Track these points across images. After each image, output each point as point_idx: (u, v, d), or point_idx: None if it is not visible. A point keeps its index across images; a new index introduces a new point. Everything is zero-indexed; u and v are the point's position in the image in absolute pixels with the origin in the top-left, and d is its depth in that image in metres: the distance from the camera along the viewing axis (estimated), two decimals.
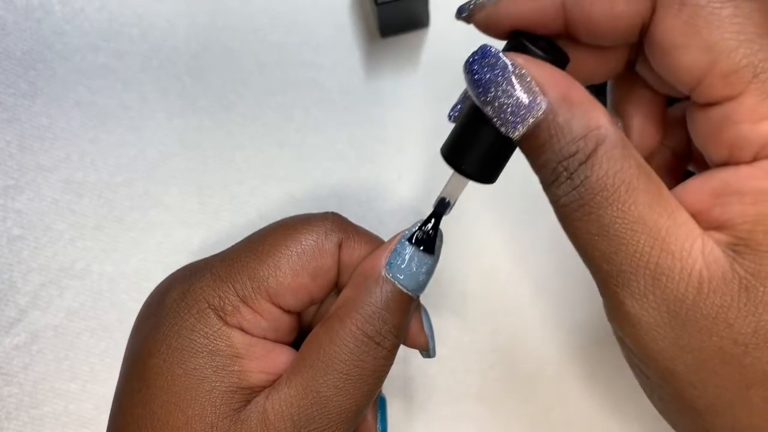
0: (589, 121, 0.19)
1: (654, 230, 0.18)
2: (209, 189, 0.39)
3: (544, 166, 0.20)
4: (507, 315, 0.38)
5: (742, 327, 0.17)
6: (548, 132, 0.19)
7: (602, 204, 0.18)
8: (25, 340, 0.37)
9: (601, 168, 0.18)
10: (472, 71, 0.20)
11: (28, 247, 0.38)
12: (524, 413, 0.37)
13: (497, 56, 0.20)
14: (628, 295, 0.19)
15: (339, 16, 0.41)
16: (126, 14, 0.40)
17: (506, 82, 0.19)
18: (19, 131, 0.39)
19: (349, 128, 0.40)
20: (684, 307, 0.18)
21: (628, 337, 0.20)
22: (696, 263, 0.18)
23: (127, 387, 0.24)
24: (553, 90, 0.19)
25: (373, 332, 0.24)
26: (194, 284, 0.24)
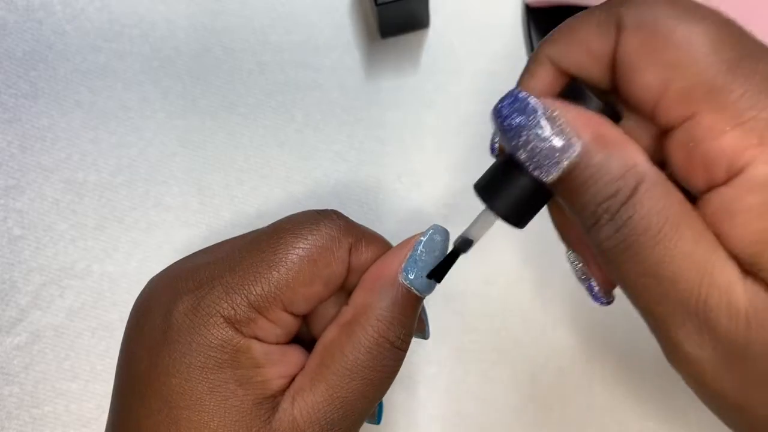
0: (626, 160, 0.18)
1: (702, 266, 0.18)
2: (210, 189, 0.39)
3: (583, 209, 0.19)
4: (507, 315, 0.38)
5: None
6: (585, 173, 0.19)
7: (649, 243, 0.18)
8: (26, 339, 0.37)
9: (644, 207, 0.18)
10: (502, 116, 0.20)
11: (29, 247, 0.38)
12: (524, 413, 0.37)
13: (526, 100, 0.19)
14: (684, 336, 0.18)
15: (339, 16, 0.41)
16: (127, 15, 0.40)
17: (537, 126, 0.19)
18: (21, 131, 0.39)
19: (349, 128, 0.40)
20: (738, 345, 0.17)
21: (692, 378, 0.19)
22: (741, 298, 0.17)
23: (141, 407, 0.23)
24: (587, 130, 0.19)
25: (394, 338, 0.24)
26: (205, 296, 0.23)
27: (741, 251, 0.18)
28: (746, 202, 0.17)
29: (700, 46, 0.18)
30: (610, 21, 0.19)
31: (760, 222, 0.17)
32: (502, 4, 0.41)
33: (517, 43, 0.41)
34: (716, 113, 0.18)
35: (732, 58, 0.18)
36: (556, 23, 0.22)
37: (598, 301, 0.24)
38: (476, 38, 0.41)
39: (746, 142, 0.17)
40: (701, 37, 0.18)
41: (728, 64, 0.18)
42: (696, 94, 0.18)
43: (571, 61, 0.21)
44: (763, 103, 0.17)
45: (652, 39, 0.19)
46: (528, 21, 0.40)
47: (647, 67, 0.19)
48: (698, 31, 0.18)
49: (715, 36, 0.18)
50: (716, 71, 0.18)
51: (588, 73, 0.21)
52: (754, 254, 0.17)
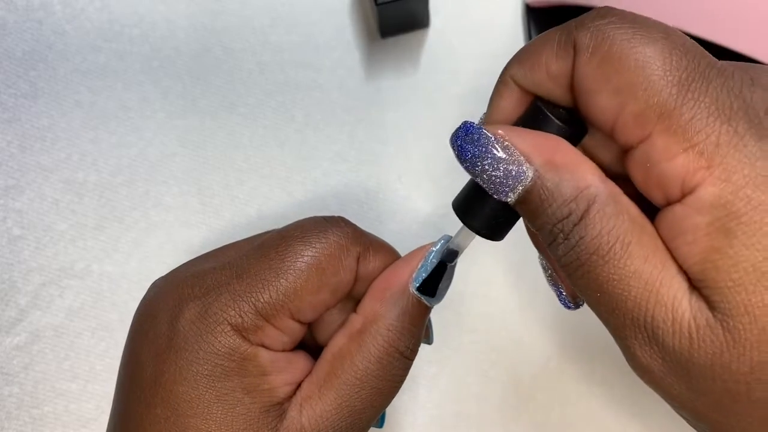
0: (578, 182, 0.19)
1: (648, 283, 0.18)
2: (210, 189, 0.39)
3: (541, 228, 0.20)
4: (507, 315, 0.38)
5: (738, 368, 0.18)
6: (539, 197, 0.20)
7: (599, 263, 0.19)
8: (25, 340, 0.37)
9: (595, 228, 0.19)
10: (457, 147, 0.21)
11: (28, 247, 0.38)
12: (524, 413, 0.37)
13: (479, 131, 0.20)
14: (636, 346, 0.19)
15: (339, 16, 0.41)
16: (127, 15, 0.40)
17: (490, 156, 0.20)
18: (20, 131, 0.39)
19: (349, 128, 0.40)
20: (683, 359, 0.18)
21: (649, 384, 0.20)
22: (685, 314, 0.18)
23: (147, 414, 0.23)
24: (538, 156, 0.20)
25: (404, 348, 0.24)
26: (212, 303, 0.23)
27: (690, 267, 0.18)
28: (695, 221, 0.18)
29: (652, 69, 0.18)
30: (568, 43, 0.20)
31: (706, 241, 0.18)
32: (502, 4, 0.41)
33: (517, 43, 0.41)
34: (668, 136, 0.18)
35: (683, 80, 0.18)
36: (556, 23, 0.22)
37: (565, 305, 0.25)
38: (476, 38, 0.41)
39: (696, 165, 0.18)
40: (654, 59, 0.18)
41: (679, 87, 0.18)
42: (649, 117, 0.18)
43: (533, 82, 0.21)
44: (711, 126, 0.18)
45: (605, 63, 0.19)
46: (528, 21, 0.40)
47: (602, 91, 0.19)
48: (651, 53, 0.18)
49: (668, 57, 0.18)
50: (668, 94, 0.18)
51: (550, 93, 0.21)
52: (701, 271, 0.18)
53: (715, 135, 0.18)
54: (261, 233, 0.27)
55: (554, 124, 0.21)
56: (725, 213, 0.17)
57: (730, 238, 0.17)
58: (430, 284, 0.25)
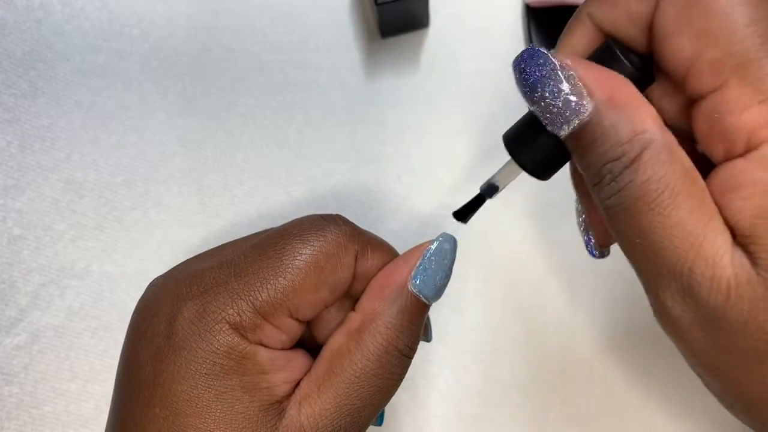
0: (635, 125, 0.19)
1: (692, 236, 0.18)
2: (209, 189, 0.39)
3: (589, 167, 0.20)
4: (507, 315, 0.38)
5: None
6: (594, 134, 0.19)
7: (644, 209, 0.19)
8: (25, 340, 0.37)
9: (646, 173, 0.19)
10: (521, 70, 0.20)
11: (28, 247, 0.38)
12: (524, 413, 0.37)
13: (546, 56, 0.20)
14: (668, 296, 0.19)
15: (339, 16, 0.41)
16: (126, 14, 0.40)
17: (553, 83, 0.20)
18: (20, 131, 0.39)
19: (349, 128, 0.40)
20: (717, 314, 0.18)
21: (673, 336, 0.20)
22: (726, 270, 0.18)
23: (145, 413, 0.23)
24: (600, 91, 0.19)
25: (403, 346, 0.24)
26: (210, 302, 0.23)
27: (739, 223, 0.18)
28: (754, 176, 0.18)
29: (737, 17, 0.18)
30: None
31: (762, 198, 0.18)
32: (502, 4, 0.41)
33: (517, 43, 0.41)
34: (744, 87, 0.18)
35: (765, 33, 0.18)
36: (556, 23, 0.22)
37: (591, 253, 0.25)
38: (476, 38, 0.41)
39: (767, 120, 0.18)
40: (739, 8, 0.18)
41: (763, 39, 0.18)
42: (727, 66, 0.18)
43: (610, 21, 0.21)
44: None
45: (690, 6, 0.19)
46: (528, 21, 0.40)
47: (682, 34, 0.19)
48: (737, 2, 0.18)
49: (754, 8, 0.18)
50: (750, 45, 0.18)
51: (626, 34, 0.21)
52: (751, 227, 0.18)
53: None
54: (258, 232, 0.27)
55: (624, 66, 0.20)
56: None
57: None
58: (465, 213, 0.25)
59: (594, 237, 0.24)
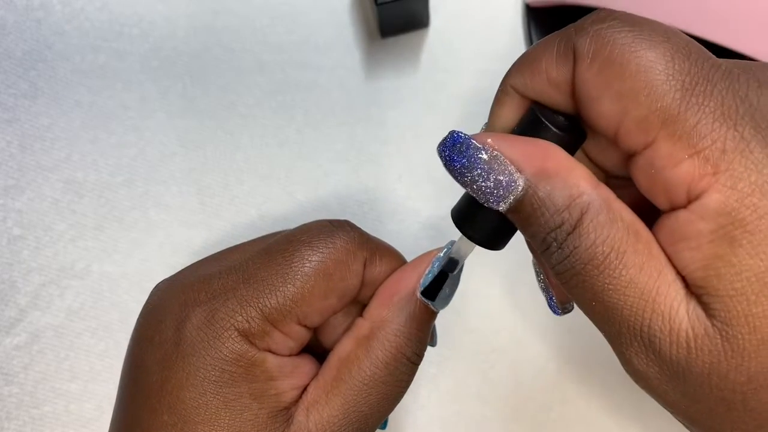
0: (570, 190, 0.19)
1: (645, 293, 0.18)
2: (209, 189, 0.39)
3: (533, 237, 0.20)
4: (507, 315, 0.38)
5: (736, 377, 0.17)
6: (531, 206, 0.19)
7: (594, 272, 0.19)
8: (25, 340, 0.37)
9: (588, 237, 0.19)
10: (445, 157, 0.20)
11: (28, 247, 0.38)
12: (524, 413, 0.37)
13: (467, 141, 0.20)
14: (633, 354, 0.19)
15: (339, 16, 0.41)
16: (126, 14, 0.40)
17: (479, 167, 0.20)
18: (20, 131, 0.39)
19: (349, 128, 0.40)
20: (680, 367, 0.18)
21: (645, 389, 0.20)
22: (683, 323, 0.18)
23: (154, 420, 0.23)
24: (528, 165, 0.19)
25: (411, 354, 0.25)
26: (218, 309, 0.23)
27: (690, 274, 0.18)
28: (699, 227, 0.18)
29: (654, 74, 0.18)
30: (568, 49, 0.19)
31: (709, 248, 0.17)
32: (502, 4, 0.41)
33: (517, 43, 0.41)
34: (673, 142, 0.18)
35: (686, 84, 0.18)
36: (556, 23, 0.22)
37: (554, 311, 0.25)
38: (476, 38, 0.41)
39: (702, 171, 0.17)
40: (656, 63, 0.18)
41: (683, 92, 0.18)
42: (653, 123, 0.18)
43: (533, 89, 0.21)
44: (717, 131, 0.17)
45: (606, 68, 0.18)
46: (528, 21, 0.40)
47: (604, 96, 0.19)
48: (653, 57, 0.18)
49: (670, 61, 0.18)
50: (671, 99, 0.18)
51: (551, 100, 0.21)
52: (702, 278, 0.18)
53: (721, 141, 0.17)
54: (265, 236, 0.27)
55: (550, 131, 0.20)
56: (730, 221, 0.17)
57: (734, 246, 0.17)
58: (430, 291, 0.25)
59: (555, 296, 0.24)
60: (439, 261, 0.25)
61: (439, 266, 0.25)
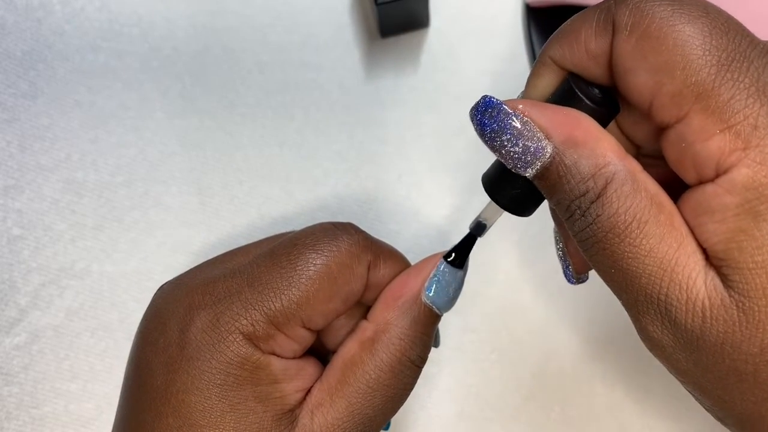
0: (596, 160, 0.19)
1: (664, 262, 0.19)
2: (209, 189, 0.39)
3: (558, 204, 0.20)
4: (507, 315, 0.38)
5: (749, 348, 0.18)
6: (558, 174, 0.20)
7: (614, 241, 0.19)
8: (25, 340, 0.37)
9: (612, 206, 0.19)
10: (477, 121, 0.21)
11: (28, 247, 0.38)
12: (524, 413, 0.37)
13: (499, 106, 0.20)
14: (649, 322, 0.20)
15: (339, 16, 0.41)
16: (126, 14, 0.40)
17: (510, 131, 0.20)
18: (20, 131, 0.39)
19: (349, 128, 0.40)
20: (694, 336, 0.18)
21: (659, 358, 0.21)
22: (700, 293, 0.18)
23: (159, 424, 0.23)
24: (558, 133, 0.20)
25: (415, 357, 0.25)
26: (223, 312, 0.23)
27: (712, 246, 0.18)
28: (725, 201, 0.18)
29: (690, 48, 0.18)
30: (607, 21, 0.20)
31: (733, 221, 0.18)
32: (502, 4, 0.41)
33: (517, 43, 0.41)
34: (705, 116, 0.18)
35: (722, 60, 0.18)
36: (556, 23, 0.22)
37: (568, 280, 0.25)
38: (476, 38, 0.41)
39: (732, 146, 0.18)
40: (693, 38, 0.18)
41: (718, 67, 0.18)
42: (687, 97, 0.18)
43: (572, 61, 0.21)
44: (750, 107, 0.18)
45: (644, 41, 0.19)
46: (528, 21, 0.40)
47: (640, 69, 0.19)
48: (690, 32, 0.18)
49: (707, 37, 0.18)
50: (706, 74, 0.18)
51: (588, 72, 0.21)
52: (724, 251, 0.18)
53: (753, 117, 0.18)
54: (268, 238, 0.27)
55: (584, 103, 0.21)
56: (756, 195, 0.17)
57: (759, 220, 0.17)
58: (459, 255, 0.26)
59: (571, 264, 0.25)
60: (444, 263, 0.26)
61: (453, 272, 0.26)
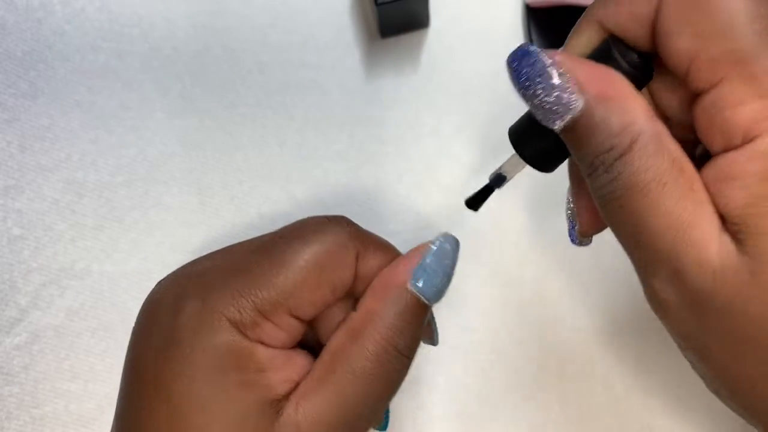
0: (625, 117, 0.20)
1: (678, 223, 0.19)
2: (209, 189, 0.39)
3: (583, 158, 0.21)
4: (507, 315, 0.38)
5: (756, 311, 0.18)
6: (586, 128, 0.20)
7: (634, 198, 0.19)
8: (25, 340, 0.37)
9: (634, 164, 0.19)
10: (513, 68, 0.21)
11: (28, 247, 0.38)
12: (524, 413, 0.37)
13: (537, 54, 0.20)
14: (657, 281, 0.20)
15: (339, 16, 0.41)
16: (126, 14, 0.40)
17: (545, 80, 0.20)
18: (20, 131, 0.39)
19: (349, 128, 0.40)
20: (703, 297, 0.19)
21: (663, 318, 0.21)
22: (712, 254, 0.19)
23: (146, 408, 0.23)
24: (591, 87, 0.20)
25: (402, 346, 0.24)
26: (211, 300, 0.23)
27: (731, 211, 0.19)
28: (748, 167, 0.18)
29: (737, 15, 0.18)
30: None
31: (755, 188, 0.18)
32: (502, 4, 0.41)
33: (517, 43, 0.40)
34: (741, 83, 0.19)
35: (765, 29, 0.18)
36: (556, 23, 0.22)
37: (572, 240, 0.26)
38: (476, 38, 0.41)
39: (763, 114, 0.18)
40: (738, 6, 0.18)
41: (761, 36, 0.18)
42: (725, 62, 0.19)
43: (615, 21, 0.21)
44: None
45: (690, 6, 0.19)
46: (528, 21, 0.40)
47: (683, 33, 0.19)
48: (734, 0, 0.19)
49: (755, 5, 0.18)
50: (749, 42, 0.18)
51: (630, 34, 0.21)
52: (741, 215, 0.18)
53: None
54: (265, 234, 0.27)
55: (620, 65, 0.21)
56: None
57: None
58: (475, 201, 0.26)
59: (578, 225, 0.25)
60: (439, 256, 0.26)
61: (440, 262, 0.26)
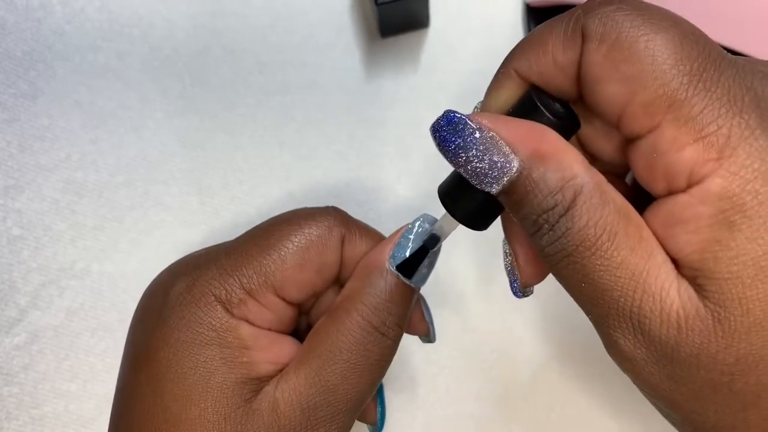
0: (564, 173, 0.19)
1: (635, 274, 0.18)
2: (209, 189, 0.39)
3: (525, 218, 0.20)
4: (507, 315, 0.38)
5: (724, 358, 0.18)
6: (525, 188, 0.19)
7: (585, 254, 0.19)
8: (25, 340, 0.37)
9: (581, 219, 0.19)
10: (439, 137, 0.20)
11: (28, 247, 0.38)
12: (524, 413, 0.37)
13: (463, 121, 0.20)
14: (620, 335, 0.19)
15: (339, 16, 0.41)
16: (126, 14, 0.40)
17: (475, 147, 0.20)
18: (20, 131, 0.39)
19: (349, 128, 0.40)
20: (669, 347, 0.18)
21: (628, 372, 0.20)
22: (674, 304, 0.18)
23: (133, 380, 0.24)
24: (524, 147, 0.19)
25: (378, 323, 0.25)
26: (200, 277, 0.25)
27: (686, 257, 0.18)
28: (698, 211, 0.18)
29: (662, 58, 0.18)
30: (575, 31, 0.19)
31: (708, 232, 0.18)
32: (502, 4, 0.41)
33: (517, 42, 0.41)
34: (678, 126, 0.18)
35: (694, 70, 0.18)
36: None
37: (515, 293, 0.25)
38: (476, 38, 0.41)
39: (706, 156, 0.18)
40: (664, 48, 0.18)
41: (690, 77, 0.18)
42: (659, 107, 0.18)
43: (537, 72, 0.21)
44: (723, 117, 0.18)
45: (614, 51, 0.19)
46: (528, 21, 0.40)
47: (610, 79, 0.19)
48: (661, 42, 0.18)
49: (678, 47, 0.18)
50: (678, 84, 0.18)
51: (554, 84, 0.21)
52: (698, 261, 0.18)
53: (726, 127, 0.17)
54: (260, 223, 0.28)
55: (546, 117, 0.20)
56: (731, 205, 0.17)
57: (733, 230, 0.17)
58: (409, 266, 0.25)
59: (519, 278, 0.25)
60: (415, 234, 0.26)
61: (418, 238, 0.25)
